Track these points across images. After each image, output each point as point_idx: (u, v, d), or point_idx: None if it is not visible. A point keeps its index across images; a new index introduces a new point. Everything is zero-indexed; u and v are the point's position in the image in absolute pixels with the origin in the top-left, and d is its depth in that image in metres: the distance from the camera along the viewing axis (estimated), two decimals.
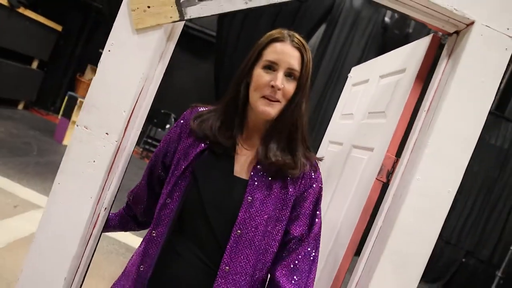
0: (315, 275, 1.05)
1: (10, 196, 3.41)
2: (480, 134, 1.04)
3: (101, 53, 1.07)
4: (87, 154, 1.10)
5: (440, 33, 1.25)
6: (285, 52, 0.98)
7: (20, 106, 7.11)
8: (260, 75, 0.99)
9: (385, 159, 1.27)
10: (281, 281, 0.99)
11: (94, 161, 1.09)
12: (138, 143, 6.94)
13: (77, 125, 1.10)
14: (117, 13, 1.06)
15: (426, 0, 1.08)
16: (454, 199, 1.06)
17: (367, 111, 1.61)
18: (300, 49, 1.00)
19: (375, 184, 1.28)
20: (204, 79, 7.48)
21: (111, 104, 1.09)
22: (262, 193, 0.99)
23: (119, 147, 1.11)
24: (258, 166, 1.01)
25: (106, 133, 1.09)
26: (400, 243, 1.09)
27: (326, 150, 1.96)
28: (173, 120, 7.53)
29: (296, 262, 1.01)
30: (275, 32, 1.02)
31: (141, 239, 1.12)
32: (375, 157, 1.36)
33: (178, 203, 1.02)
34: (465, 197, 5.97)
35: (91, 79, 8.35)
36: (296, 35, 1.02)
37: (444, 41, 1.23)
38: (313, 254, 1.04)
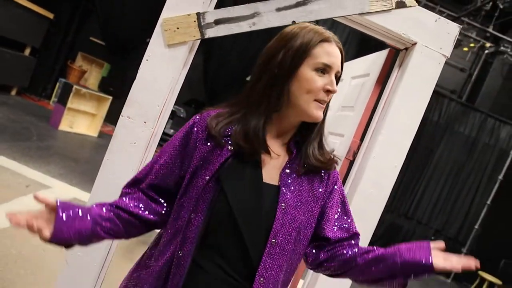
0: None
1: (20, 177, 3.71)
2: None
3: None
4: (130, 137, 1.46)
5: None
6: (335, 55, 0.94)
7: (13, 92, 7.28)
8: (313, 78, 0.92)
9: (352, 143, 1.68)
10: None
11: (135, 143, 1.46)
12: None
13: (122, 116, 1.46)
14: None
15: (382, 26, 1.47)
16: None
17: (340, 105, 2.01)
18: (341, 50, 0.97)
19: (344, 162, 1.69)
20: (192, 72, 7.76)
21: (148, 99, 1.45)
22: (294, 199, 0.94)
23: (153, 132, 1.48)
24: (286, 170, 0.96)
25: (144, 122, 1.46)
26: (360, 204, 1.50)
27: None
28: None
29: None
30: (321, 31, 0.95)
31: None
32: (345, 142, 1.76)
33: (204, 217, 0.91)
34: (436, 181, 6.51)
35: (82, 65, 8.41)
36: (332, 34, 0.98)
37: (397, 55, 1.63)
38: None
